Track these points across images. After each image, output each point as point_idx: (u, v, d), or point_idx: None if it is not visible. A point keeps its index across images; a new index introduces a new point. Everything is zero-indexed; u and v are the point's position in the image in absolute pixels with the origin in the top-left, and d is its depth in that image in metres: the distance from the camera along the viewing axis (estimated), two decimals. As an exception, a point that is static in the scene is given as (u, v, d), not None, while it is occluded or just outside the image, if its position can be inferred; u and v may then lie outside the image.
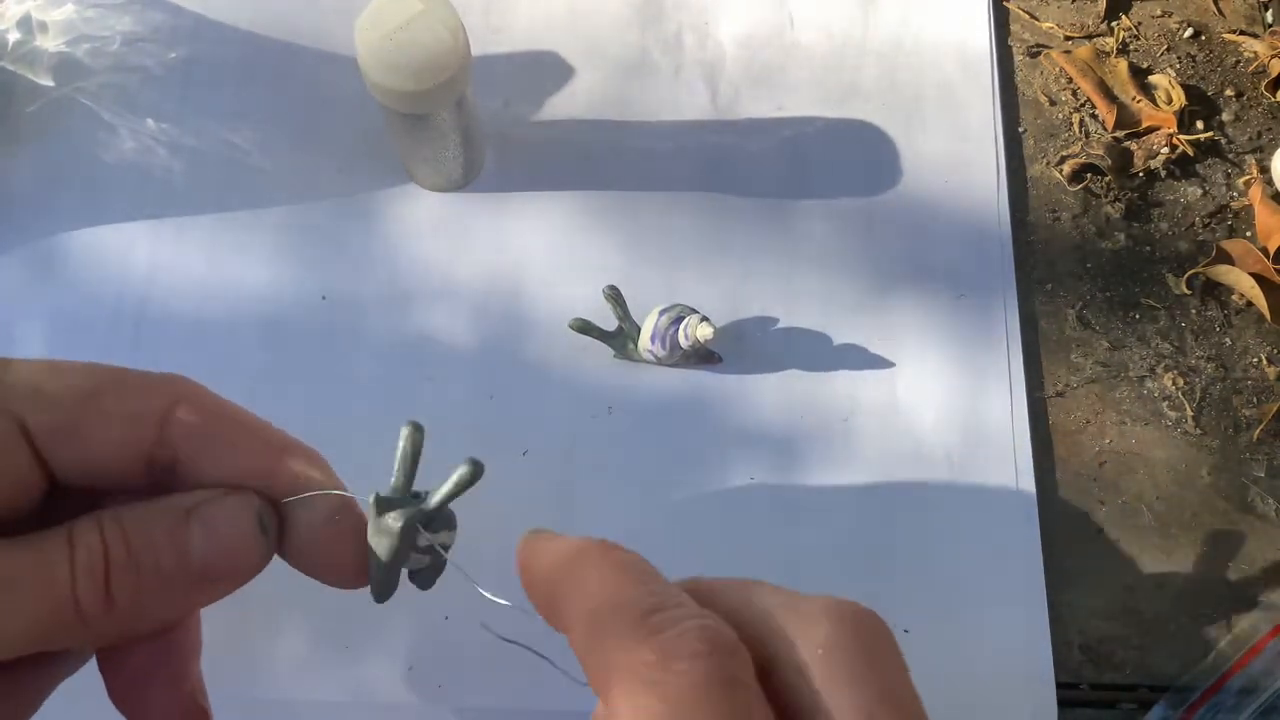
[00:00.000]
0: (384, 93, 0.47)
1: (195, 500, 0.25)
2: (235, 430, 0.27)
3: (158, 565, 0.24)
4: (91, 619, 0.23)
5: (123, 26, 0.58)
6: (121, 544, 0.23)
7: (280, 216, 0.55)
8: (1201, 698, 0.47)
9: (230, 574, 0.25)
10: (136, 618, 0.24)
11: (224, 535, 0.25)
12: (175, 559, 0.24)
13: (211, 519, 0.25)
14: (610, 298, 0.51)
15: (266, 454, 0.27)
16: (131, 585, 0.23)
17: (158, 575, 0.24)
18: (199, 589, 0.25)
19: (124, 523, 0.24)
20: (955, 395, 0.52)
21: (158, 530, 0.24)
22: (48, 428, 0.24)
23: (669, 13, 0.60)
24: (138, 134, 0.56)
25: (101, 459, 0.25)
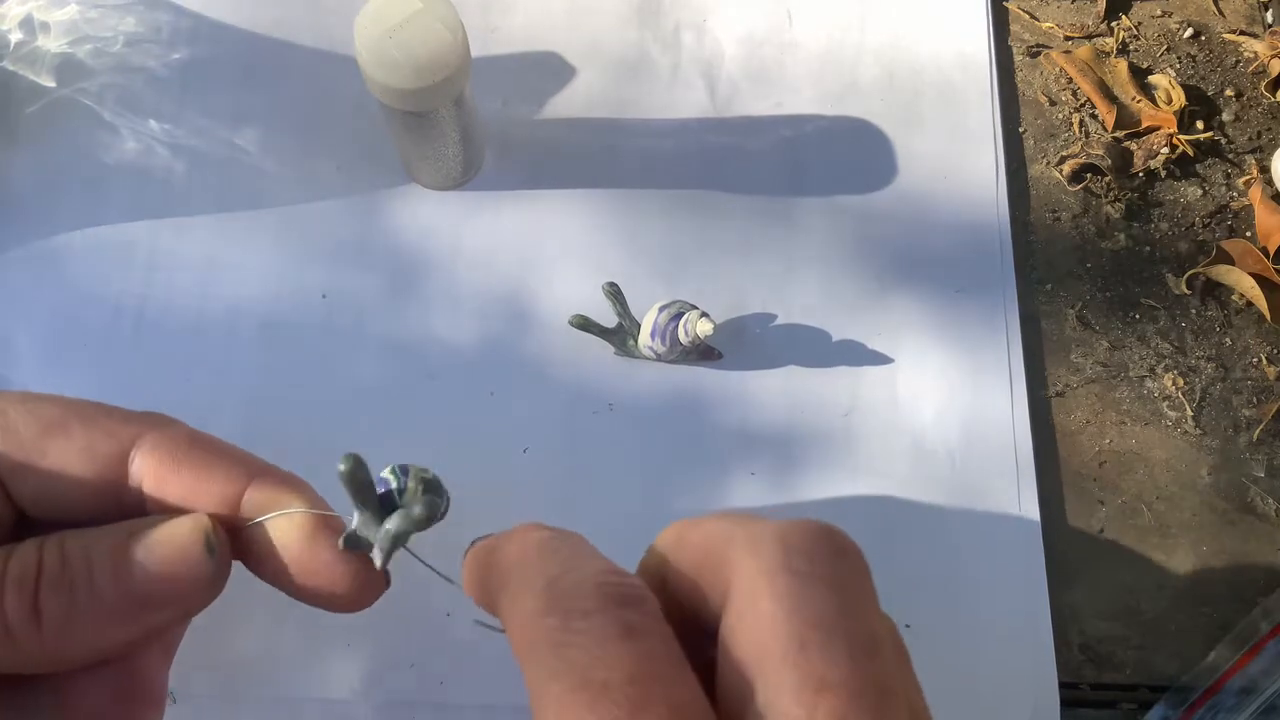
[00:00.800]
0: (383, 90, 0.47)
1: (142, 524, 0.24)
2: (204, 460, 0.25)
3: (92, 584, 0.23)
4: (18, 636, 0.22)
5: (125, 27, 0.58)
6: (57, 561, 0.23)
7: (280, 215, 0.55)
8: (1201, 698, 0.47)
9: (173, 598, 0.24)
10: (68, 640, 0.23)
11: (166, 556, 0.24)
12: (112, 579, 0.23)
13: (154, 540, 0.24)
14: (610, 294, 0.51)
15: (234, 480, 0.26)
16: (63, 604, 0.22)
17: (92, 595, 0.23)
18: (139, 614, 0.23)
19: (65, 542, 0.23)
20: (955, 394, 0.52)
21: (97, 550, 0.23)
22: (8, 459, 0.24)
23: (667, 11, 0.60)
24: (139, 134, 0.56)
25: (64, 492, 0.24)
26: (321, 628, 0.47)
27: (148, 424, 0.25)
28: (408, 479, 0.27)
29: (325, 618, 0.47)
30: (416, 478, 0.27)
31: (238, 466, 0.26)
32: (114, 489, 0.25)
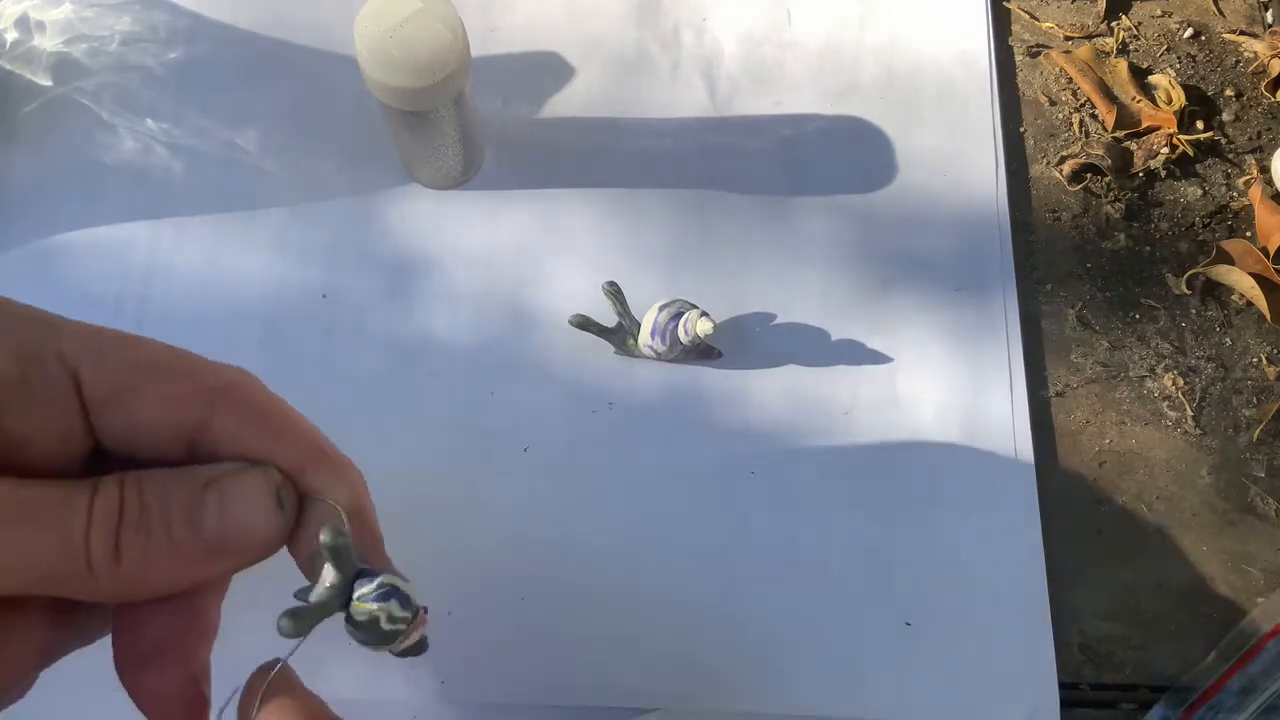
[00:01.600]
0: (383, 89, 0.47)
1: (217, 472, 0.25)
2: (279, 426, 0.27)
3: (169, 531, 0.24)
4: (99, 572, 0.23)
5: (121, 26, 0.58)
6: (137, 503, 0.24)
7: (280, 215, 0.55)
8: (1201, 698, 0.47)
9: (241, 548, 0.25)
10: (142, 580, 0.24)
11: (239, 505, 0.25)
12: (187, 527, 0.24)
13: (228, 490, 0.25)
14: (610, 294, 0.51)
15: (304, 454, 0.27)
16: (140, 546, 0.23)
17: (168, 540, 0.24)
18: (209, 560, 0.25)
19: (144, 484, 0.24)
20: (955, 393, 0.52)
21: (174, 496, 0.24)
22: (101, 390, 0.25)
23: (667, 10, 0.60)
24: (137, 133, 0.56)
25: (145, 432, 0.25)
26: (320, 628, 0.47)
27: (233, 377, 0.27)
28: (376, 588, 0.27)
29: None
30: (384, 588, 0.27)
31: (310, 443, 0.27)
32: (192, 434, 0.26)
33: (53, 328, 0.25)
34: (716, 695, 0.46)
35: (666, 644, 0.47)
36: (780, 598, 0.48)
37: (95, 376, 0.25)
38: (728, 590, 0.48)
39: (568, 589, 0.48)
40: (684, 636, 0.47)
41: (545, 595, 0.48)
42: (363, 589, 0.26)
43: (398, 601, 0.26)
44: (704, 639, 0.47)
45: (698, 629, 0.47)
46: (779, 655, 0.47)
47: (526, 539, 0.49)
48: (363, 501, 0.28)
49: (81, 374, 0.25)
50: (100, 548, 0.23)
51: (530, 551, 0.48)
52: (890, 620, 0.48)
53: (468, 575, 0.48)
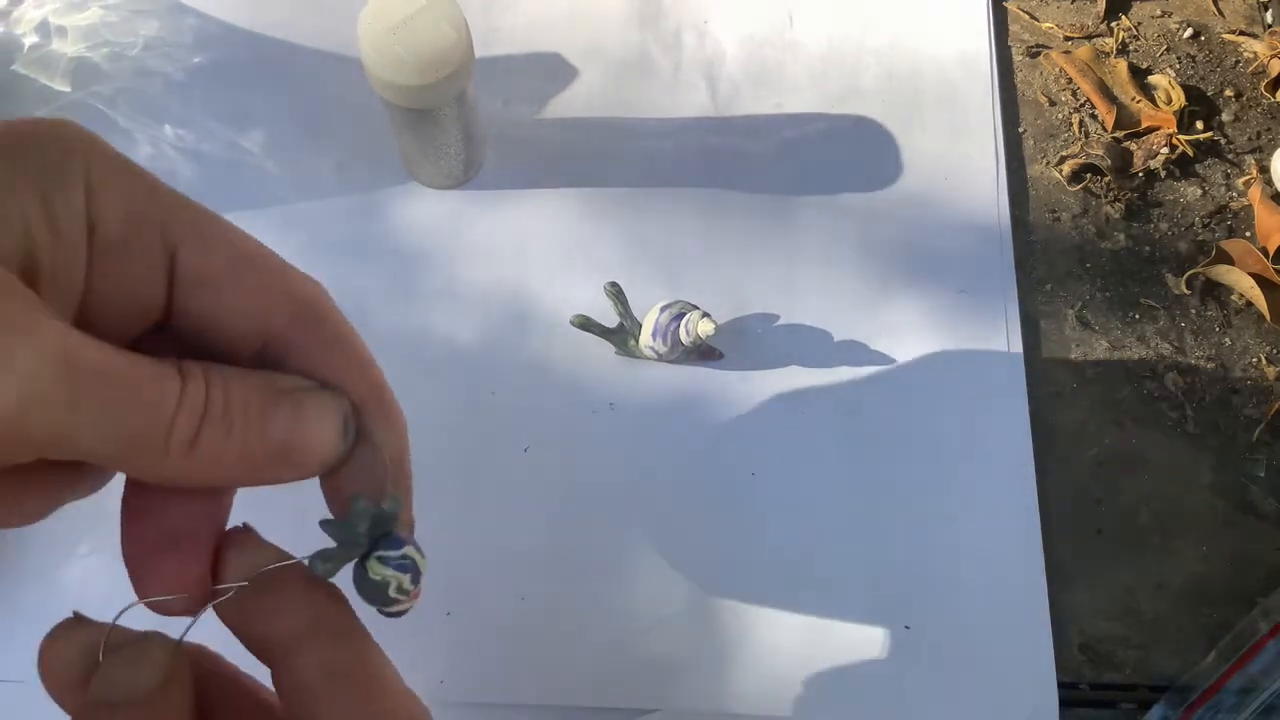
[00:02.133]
0: (386, 87, 0.47)
1: (294, 384, 0.25)
2: (350, 356, 0.27)
3: (246, 427, 0.24)
4: (172, 456, 0.23)
5: (146, 31, 0.58)
6: (221, 398, 0.24)
7: (281, 215, 0.55)
8: (1201, 698, 0.47)
9: (302, 461, 0.25)
10: (207, 471, 0.24)
11: (308, 422, 0.25)
12: (260, 427, 0.24)
13: (303, 403, 0.25)
14: (611, 294, 0.51)
15: (367, 392, 0.27)
16: (217, 441, 0.23)
17: (243, 436, 0.24)
18: (270, 466, 0.25)
19: (229, 380, 0.24)
20: (955, 392, 0.52)
21: (254, 395, 0.24)
22: (195, 272, 0.25)
23: (668, 12, 0.60)
24: (151, 139, 0.56)
25: (226, 323, 0.25)
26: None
27: (317, 292, 0.27)
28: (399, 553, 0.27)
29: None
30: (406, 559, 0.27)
31: (370, 378, 0.27)
32: (269, 337, 0.26)
33: (161, 196, 0.25)
34: (716, 696, 0.46)
35: (666, 644, 0.47)
36: (780, 599, 0.48)
37: (192, 257, 0.25)
38: (728, 591, 0.48)
39: (567, 589, 0.48)
40: (684, 637, 0.47)
41: (545, 595, 0.48)
42: (386, 551, 0.26)
43: (411, 576, 0.27)
44: (704, 640, 0.47)
45: (698, 630, 0.47)
46: (779, 657, 0.47)
47: (526, 539, 0.49)
48: (405, 457, 0.28)
49: (180, 252, 0.25)
50: (182, 434, 0.23)
51: (530, 552, 0.48)
52: (890, 620, 0.48)
53: (468, 575, 0.48)
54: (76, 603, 0.27)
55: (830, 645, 0.47)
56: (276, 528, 0.27)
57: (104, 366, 0.21)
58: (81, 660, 0.25)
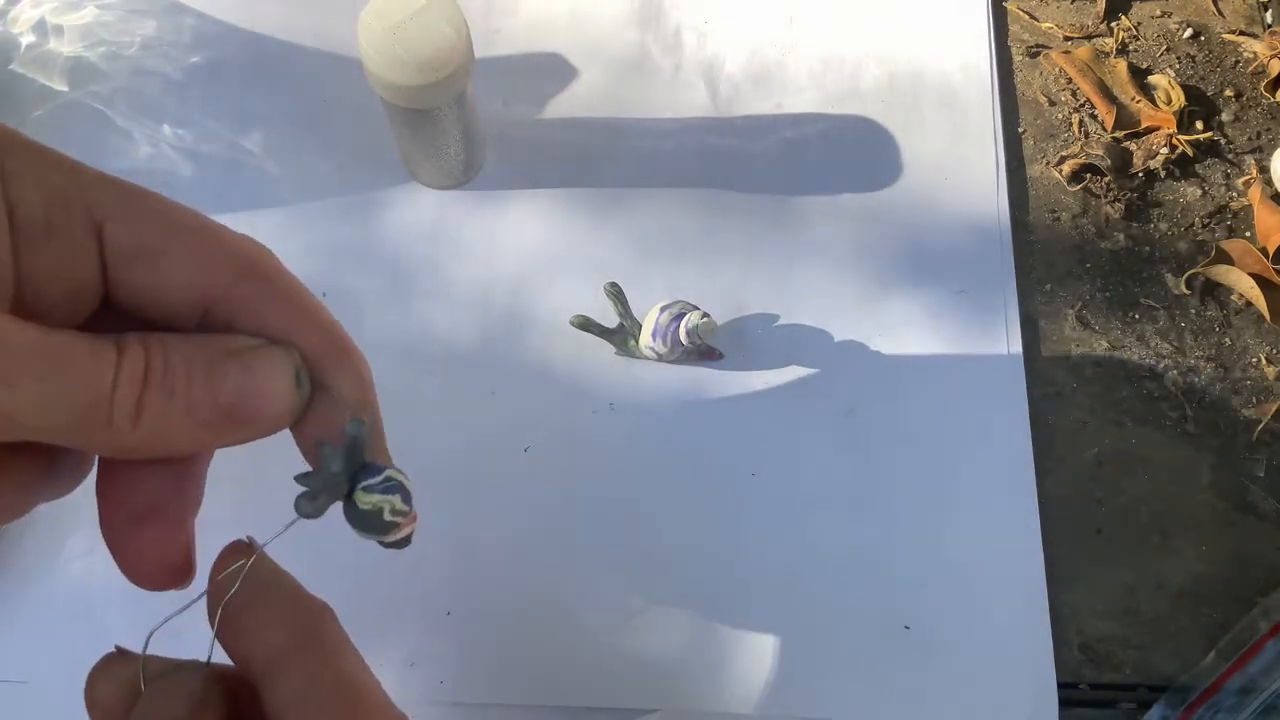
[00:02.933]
0: (386, 87, 0.47)
1: (239, 344, 0.25)
2: (300, 309, 0.27)
3: (190, 393, 0.24)
4: (118, 428, 0.23)
5: (143, 31, 0.58)
6: (161, 363, 0.24)
7: (281, 215, 0.55)
8: (1201, 698, 0.47)
9: (256, 419, 0.25)
10: (158, 439, 0.24)
11: (259, 378, 0.25)
12: (207, 389, 0.24)
13: (250, 360, 0.25)
14: (611, 294, 0.51)
15: (322, 342, 0.27)
16: (162, 406, 0.23)
17: (187, 403, 0.24)
18: (224, 427, 0.25)
19: (168, 346, 0.24)
20: (955, 393, 0.52)
21: (197, 360, 0.24)
22: (125, 246, 0.25)
23: (668, 12, 0.60)
24: (149, 138, 0.56)
25: (165, 294, 0.25)
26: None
27: (259, 251, 0.26)
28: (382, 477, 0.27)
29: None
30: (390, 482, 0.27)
31: (324, 328, 0.27)
32: (211, 303, 0.25)
33: (82, 176, 0.24)
34: (716, 696, 0.46)
35: (666, 644, 0.47)
36: (780, 599, 0.48)
37: (121, 231, 0.24)
38: (728, 591, 0.48)
39: (568, 589, 0.48)
40: (684, 637, 0.47)
41: (545, 595, 0.48)
42: (368, 480, 0.26)
43: (400, 496, 0.27)
44: (704, 640, 0.47)
45: (698, 630, 0.47)
46: (778, 657, 0.47)
47: (526, 539, 0.49)
48: (370, 398, 0.28)
49: (107, 228, 0.24)
50: (124, 403, 0.23)
51: (530, 552, 0.48)
52: (890, 620, 0.48)
53: (468, 575, 0.48)
54: (76, 601, 0.27)
55: (830, 645, 0.47)
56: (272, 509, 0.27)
57: (35, 343, 0.21)
58: (124, 693, 0.26)
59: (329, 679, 0.26)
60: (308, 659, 0.26)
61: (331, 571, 0.49)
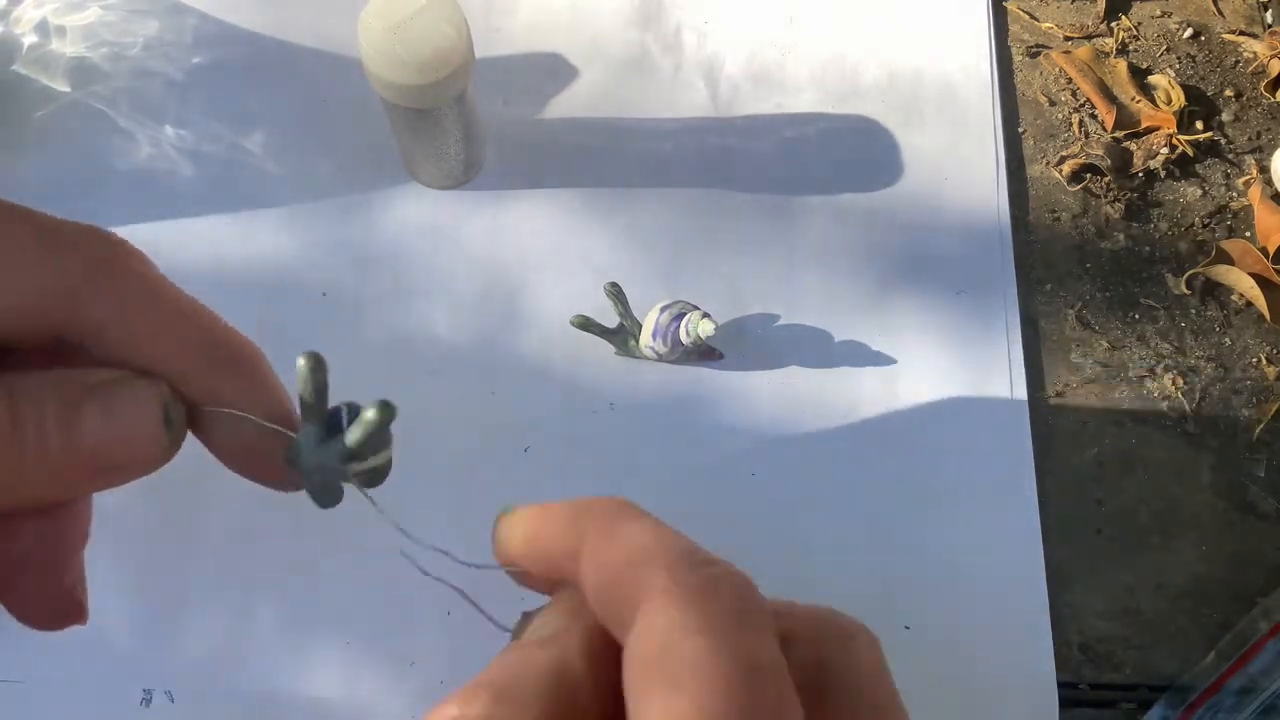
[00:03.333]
0: (386, 87, 0.47)
1: (98, 379, 0.22)
2: (164, 317, 0.23)
3: (44, 443, 0.21)
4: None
5: (145, 31, 0.58)
6: (8, 415, 0.21)
7: (281, 214, 0.55)
8: (1201, 697, 0.47)
9: (124, 464, 0.22)
10: (15, 494, 0.21)
11: (123, 422, 0.22)
12: (64, 438, 0.21)
13: (111, 401, 0.22)
14: (611, 294, 0.51)
15: (196, 353, 0.23)
16: (12, 459, 0.21)
17: (43, 452, 0.21)
18: (87, 474, 0.22)
19: (15, 392, 0.21)
20: (956, 393, 0.52)
21: (49, 405, 0.21)
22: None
23: (669, 12, 0.60)
24: (151, 138, 0.56)
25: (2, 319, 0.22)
26: (321, 627, 0.47)
27: (110, 251, 0.23)
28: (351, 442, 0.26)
29: (324, 618, 0.47)
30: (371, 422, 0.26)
31: (201, 333, 0.24)
32: (62, 316, 0.22)
33: None
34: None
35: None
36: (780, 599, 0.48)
37: None
38: (728, 590, 0.48)
39: (568, 588, 0.48)
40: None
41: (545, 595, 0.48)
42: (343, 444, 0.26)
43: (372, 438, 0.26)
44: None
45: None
46: (779, 655, 0.47)
47: (527, 539, 0.49)
48: (271, 396, 0.25)
49: None
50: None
51: (531, 551, 0.48)
52: (890, 620, 0.48)
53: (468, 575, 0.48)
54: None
55: (830, 645, 0.47)
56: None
57: None
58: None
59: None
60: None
61: (331, 571, 0.49)
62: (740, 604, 0.21)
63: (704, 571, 0.21)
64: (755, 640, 0.20)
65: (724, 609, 0.20)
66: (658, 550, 0.22)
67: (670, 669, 0.19)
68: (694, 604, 0.20)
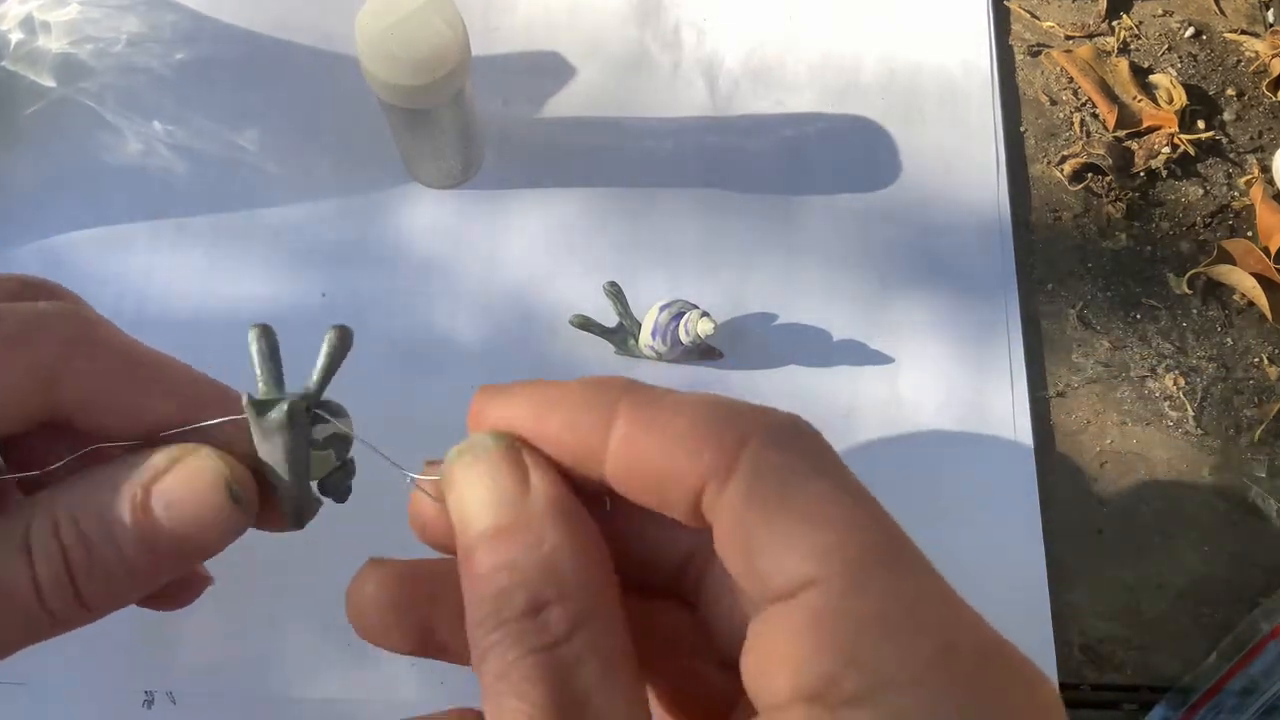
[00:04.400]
0: (384, 87, 0.47)
1: (152, 473, 0.22)
2: (144, 380, 0.23)
3: (121, 556, 0.22)
4: (65, 619, 0.22)
5: (128, 27, 0.58)
6: (81, 547, 0.21)
7: (280, 214, 0.55)
8: (1202, 698, 0.47)
9: (200, 548, 0.22)
10: (110, 602, 0.22)
11: (189, 514, 0.22)
12: (139, 546, 0.22)
13: (174, 497, 0.22)
14: (611, 294, 0.51)
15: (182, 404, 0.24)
16: (100, 581, 0.21)
17: (123, 564, 0.22)
18: (167, 567, 0.22)
19: (79, 519, 0.21)
20: (956, 393, 0.52)
21: (116, 519, 0.21)
22: None
23: (668, 9, 0.60)
24: (139, 134, 0.56)
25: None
26: (321, 628, 0.47)
27: (65, 332, 0.23)
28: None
29: (326, 619, 0.47)
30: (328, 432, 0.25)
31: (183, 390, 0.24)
32: (42, 406, 0.22)
33: None
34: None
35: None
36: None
37: None
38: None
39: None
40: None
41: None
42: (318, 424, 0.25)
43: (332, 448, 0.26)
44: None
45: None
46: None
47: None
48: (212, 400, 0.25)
49: None
50: (59, 603, 0.21)
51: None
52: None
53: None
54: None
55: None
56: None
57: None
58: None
59: None
60: None
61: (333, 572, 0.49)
62: (816, 442, 0.20)
63: (776, 421, 0.19)
64: (848, 472, 0.19)
65: (811, 449, 0.19)
66: (715, 421, 0.20)
67: (806, 509, 0.18)
68: (792, 448, 0.19)
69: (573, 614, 0.19)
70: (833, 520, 0.18)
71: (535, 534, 0.19)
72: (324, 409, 0.25)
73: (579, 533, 0.20)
